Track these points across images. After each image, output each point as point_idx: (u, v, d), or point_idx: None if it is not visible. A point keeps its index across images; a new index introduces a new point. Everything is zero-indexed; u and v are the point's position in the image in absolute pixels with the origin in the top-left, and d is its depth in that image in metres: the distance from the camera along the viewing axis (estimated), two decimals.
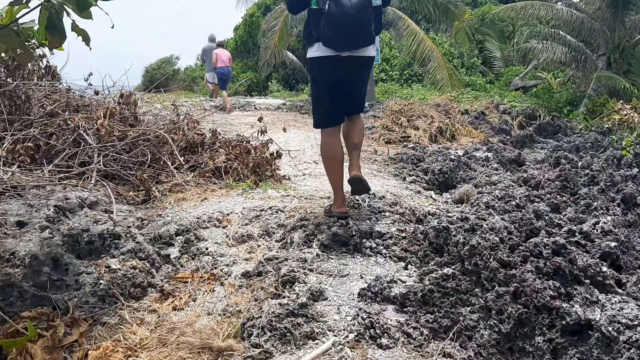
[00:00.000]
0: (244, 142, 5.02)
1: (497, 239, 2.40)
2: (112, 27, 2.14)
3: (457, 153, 6.02)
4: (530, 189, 4.34)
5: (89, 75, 6.00)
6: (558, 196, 3.71)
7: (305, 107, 12.19)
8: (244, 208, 3.60)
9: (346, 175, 3.33)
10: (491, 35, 23.37)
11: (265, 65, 16.36)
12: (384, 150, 6.72)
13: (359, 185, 3.23)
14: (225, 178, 4.36)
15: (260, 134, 5.30)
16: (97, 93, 4.78)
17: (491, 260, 2.25)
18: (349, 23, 2.82)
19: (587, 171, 4.16)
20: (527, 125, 9.54)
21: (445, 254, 2.57)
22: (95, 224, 3.17)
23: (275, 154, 4.72)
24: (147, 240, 3.17)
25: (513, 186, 4.41)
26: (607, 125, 7.74)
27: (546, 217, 2.95)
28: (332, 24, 2.83)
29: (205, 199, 3.82)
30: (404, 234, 3.00)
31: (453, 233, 2.58)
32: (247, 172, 4.43)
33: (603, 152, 6.04)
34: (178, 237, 3.25)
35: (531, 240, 2.39)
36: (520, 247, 2.34)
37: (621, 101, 8.48)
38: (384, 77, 20.60)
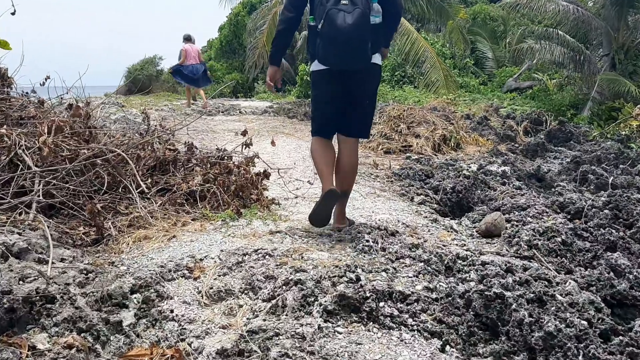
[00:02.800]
0: (226, 158, 4.23)
1: (584, 322, 1.65)
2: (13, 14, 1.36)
3: (469, 167, 5.30)
4: (569, 216, 3.63)
5: (46, 80, 5.17)
6: (613, 231, 2.99)
7: (293, 110, 11.42)
8: (222, 251, 2.82)
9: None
10: (482, 35, 22.80)
11: (253, 66, 15.58)
12: (384, 162, 5.98)
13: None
14: (202, 205, 3.57)
15: (244, 147, 4.52)
16: (41, 102, 3.94)
17: (580, 358, 1.51)
18: (343, 44, 2.71)
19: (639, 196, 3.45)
20: (532, 131, 8.88)
21: (502, 335, 1.82)
22: (21, 282, 2.37)
23: (262, 174, 3.95)
24: (92, 302, 2.38)
25: (547, 213, 3.69)
26: (624, 133, 7.09)
27: (629, 274, 2.22)
28: (325, 43, 2.75)
29: (174, 237, 3.03)
30: (434, 295, 2.25)
31: (512, 306, 1.83)
32: (228, 197, 3.65)
33: (632, 165, 5.36)
34: (134, 296, 2.46)
35: (632, 322, 1.64)
36: (619, 335, 1.60)
37: (639, 106, 7.85)
38: None
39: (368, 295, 2.22)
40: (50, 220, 3.00)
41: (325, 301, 2.21)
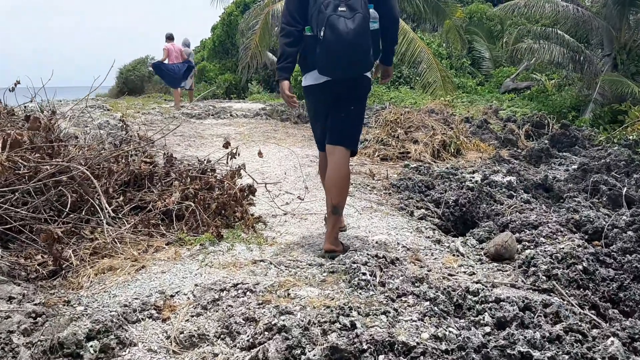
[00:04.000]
0: (208, 170, 3.86)
1: None
2: None
3: (473, 178, 4.94)
4: (586, 237, 3.28)
5: (15, 85, 4.78)
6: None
7: (286, 112, 11.03)
8: (196, 285, 2.45)
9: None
10: (479, 34, 22.49)
11: (246, 68, 15.16)
12: (381, 171, 5.63)
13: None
14: (178, 227, 3.20)
15: (230, 158, 4.15)
16: (10, 112, 3.55)
17: None
18: (347, 49, 2.65)
19: None
20: (534, 135, 8.55)
21: None
22: None
23: (247, 190, 3.58)
24: (39, 354, 2.02)
25: (562, 232, 3.34)
26: (632, 137, 6.76)
27: None
28: (329, 50, 2.66)
29: (143, 267, 2.66)
30: (443, 345, 1.89)
31: None
32: (208, 216, 3.28)
33: None
34: (90, 343, 2.08)
35: None
36: None
37: None
38: None
39: (365, 347, 1.86)
40: (1, 249, 2.62)
41: (314, 355, 1.85)
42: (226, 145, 3.93)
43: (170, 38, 11.56)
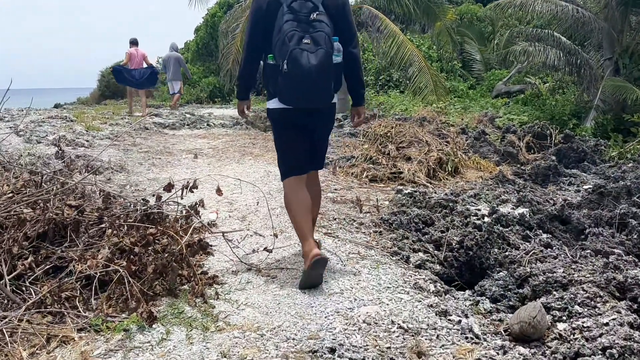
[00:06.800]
0: (154, 213, 3.07)
1: None
2: None
3: (478, 210, 4.19)
4: (635, 305, 2.54)
5: None
6: None
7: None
8: None
9: None
10: (470, 36, 21.89)
11: (228, 75, 14.36)
12: (371, 197, 4.86)
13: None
14: (100, 302, 2.40)
15: (185, 191, 3.36)
16: None
17: None
18: (308, 84, 2.63)
19: None
20: (536, 147, 7.85)
21: None
22: None
23: (197, 245, 2.79)
24: None
25: (602, 297, 2.60)
26: None
27: None
28: (290, 83, 2.65)
29: None
30: None
31: None
32: (144, 282, 2.49)
33: None
34: None
35: None
36: None
37: None
38: None
39: None
40: None
41: None
42: (168, 187, 3.12)
43: (134, 43, 11.14)
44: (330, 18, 2.69)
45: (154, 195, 3.44)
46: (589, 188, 5.31)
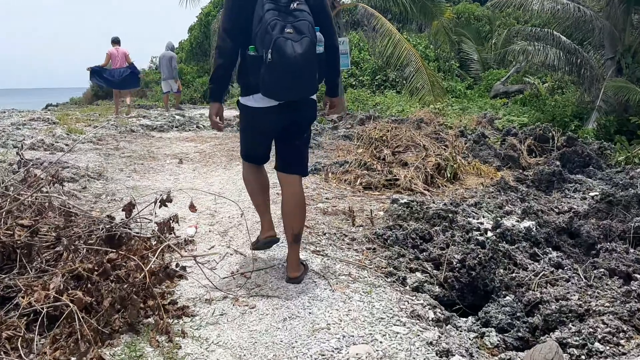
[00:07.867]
0: (117, 236, 2.73)
1: None
2: None
3: (481, 224, 3.85)
4: None
5: None
6: None
7: None
8: None
9: None
10: (467, 36, 21.59)
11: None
12: (365, 206, 4.53)
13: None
14: (49, 340, 2.06)
15: (159, 205, 3.02)
16: None
17: None
18: (295, 74, 2.53)
19: None
20: (538, 150, 7.53)
21: None
22: None
23: (162, 273, 2.45)
24: None
25: (625, 331, 2.28)
26: None
27: None
28: (275, 74, 2.52)
29: None
30: None
31: None
32: (99, 317, 2.15)
33: None
34: None
35: None
36: None
37: None
38: (354, 83, 18.46)
39: None
40: None
41: None
42: (153, 202, 2.78)
43: (115, 42, 10.80)
44: (310, 9, 2.61)
45: (123, 210, 3.10)
46: (596, 196, 4.99)
